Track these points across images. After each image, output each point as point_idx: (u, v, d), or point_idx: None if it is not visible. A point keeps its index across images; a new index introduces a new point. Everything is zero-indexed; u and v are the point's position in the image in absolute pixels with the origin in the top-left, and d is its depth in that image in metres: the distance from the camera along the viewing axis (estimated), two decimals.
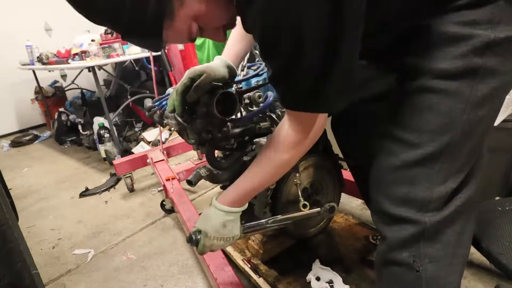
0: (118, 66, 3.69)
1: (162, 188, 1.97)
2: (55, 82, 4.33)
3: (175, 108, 0.88)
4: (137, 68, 3.81)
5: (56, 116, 3.82)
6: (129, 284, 1.48)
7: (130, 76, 3.75)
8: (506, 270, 0.97)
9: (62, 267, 1.66)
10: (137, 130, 3.65)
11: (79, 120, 3.50)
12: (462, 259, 0.72)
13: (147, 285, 1.46)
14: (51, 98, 4.20)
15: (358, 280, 1.16)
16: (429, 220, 0.67)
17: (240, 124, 0.99)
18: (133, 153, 2.94)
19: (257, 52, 1.21)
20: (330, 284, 1.14)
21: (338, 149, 1.23)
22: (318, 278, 1.16)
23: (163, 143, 2.45)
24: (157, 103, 1.12)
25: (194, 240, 0.84)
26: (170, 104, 0.89)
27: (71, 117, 3.63)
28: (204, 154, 1.00)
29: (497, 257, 1.00)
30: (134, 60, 3.61)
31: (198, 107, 0.89)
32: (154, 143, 3.15)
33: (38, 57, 3.32)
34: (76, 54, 2.92)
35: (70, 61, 2.96)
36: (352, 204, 1.82)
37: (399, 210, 0.69)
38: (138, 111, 3.70)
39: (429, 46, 0.65)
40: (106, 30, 3.38)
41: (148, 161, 2.28)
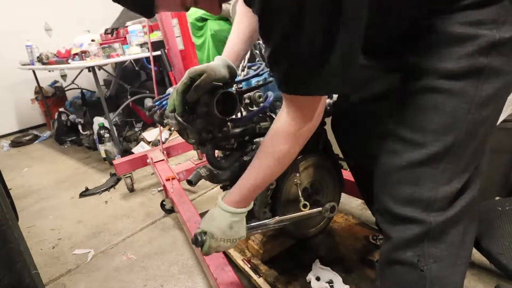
0: (118, 66, 3.69)
1: (162, 188, 1.97)
2: (55, 82, 4.34)
3: (176, 107, 0.88)
4: (137, 68, 3.81)
5: (56, 116, 3.82)
6: (129, 284, 1.48)
7: (130, 76, 3.75)
8: (506, 270, 0.97)
9: (62, 267, 1.66)
10: (137, 130, 3.65)
11: (79, 120, 3.50)
12: (465, 260, 0.72)
13: (147, 285, 1.46)
14: (51, 98, 4.20)
15: (358, 280, 1.16)
16: (434, 220, 0.67)
17: (240, 124, 0.99)
18: (133, 153, 2.94)
19: (257, 52, 1.21)
20: (330, 284, 1.14)
21: (338, 149, 1.23)
22: (318, 278, 1.16)
23: (163, 143, 2.45)
24: (157, 103, 1.12)
25: (199, 241, 0.83)
26: (171, 103, 0.89)
27: (71, 117, 3.63)
28: (204, 154, 1.00)
29: (497, 257, 1.00)
30: (134, 60, 3.61)
31: (198, 107, 0.89)
32: (154, 143, 3.15)
33: (38, 57, 3.32)
34: (76, 54, 2.92)
35: (70, 61, 2.97)
36: (352, 204, 1.82)
37: (405, 210, 0.69)
38: (138, 111, 3.70)
39: (434, 46, 0.65)
40: (106, 30, 3.38)
41: (148, 161, 2.28)
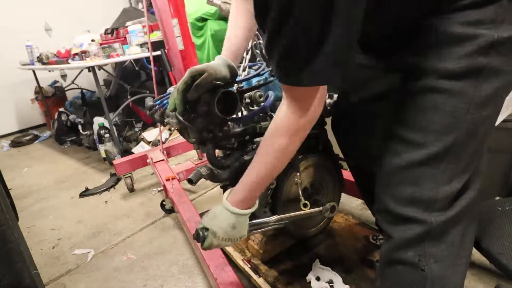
0: (118, 66, 3.69)
1: (162, 188, 1.97)
2: (55, 82, 4.34)
3: (176, 107, 0.88)
4: (137, 68, 3.81)
5: (56, 116, 3.82)
6: (129, 284, 1.48)
7: (130, 76, 3.75)
8: (506, 270, 0.97)
9: (62, 267, 1.66)
10: (137, 130, 3.65)
11: (79, 120, 3.50)
12: (465, 260, 0.72)
13: (147, 285, 1.46)
14: (51, 98, 4.20)
15: (358, 280, 1.16)
16: (435, 220, 0.67)
17: (241, 123, 0.99)
18: (133, 153, 2.94)
19: (258, 51, 1.21)
20: (330, 284, 1.14)
21: (338, 149, 1.23)
22: (318, 278, 1.16)
23: (163, 143, 2.45)
24: (158, 102, 1.12)
25: (201, 236, 0.84)
26: (171, 103, 0.89)
27: (71, 117, 3.63)
28: (204, 153, 1.00)
29: (497, 257, 1.00)
30: (134, 60, 3.61)
31: (199, 106, 0.89)
32: (154, 143, 3.15)
33: (38, 57, 3.32)
34: (76, 54, 2.92)
35: (70, 61, 2.96)
36: (352, 204, 1.82)
37: (406, 210, 0.69)
38: (138, 111, 3.70)
39: (433, 46, 0.65)
40: (106, 30, 3.38)
41: (148, 161, 2.28)
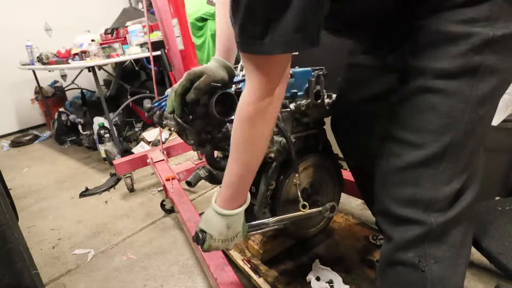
0: (118, 66, 3.69)
1: (162, 188, 1.97)
2: (55, 82, 4.34)
3: (174, 109, 0.88)
4: (137, 68, 3.82)
5: (56, 116, 3.82)
6: (129, 284, 1.48)
7: (130, 76, 3.75)
8: (506, 270, 0.97)
9: (62, 267, 1.66)
10: (137, 130, 3.65)
11: (79, 120, 3.50)
12: (465, 260, 0.72)
13: (147, 285, 1.46)
14: (51, 98, 4.21)
15: (358, 280, 1.16)
16: (435, 220, 0.67)
17: None
18: (133, 153, 2.94)
19: None
20: (330, 284, 1.14)
21: (338, 149, 1.23)
22: (318, 278, 1.16)
23: (163, 143, 2.45)
24: (156, 104, 1.12)
25: (200, 239, 0.84)
26: (169, 105, 0.89)
27: (71, 117, 3.63)
28: (204, 154, 1.00)
29: (497, 257, 1.00)
30: (134, 60, 3.61)
31: (197, 108, 0.89)
32: (154, 143, 3.15)
33: (38, 57, 3.32)
34: (76, 54, 2.92)
35: (70, 61, 2.96)
36: (352, 204, 1.82)
37: (405, 211, 0.69)
38: (138, 111, 3.70)
39: (428, 46, 0.65)
40: (106, 30, 3.38)
41: (148, 161, 2.28)
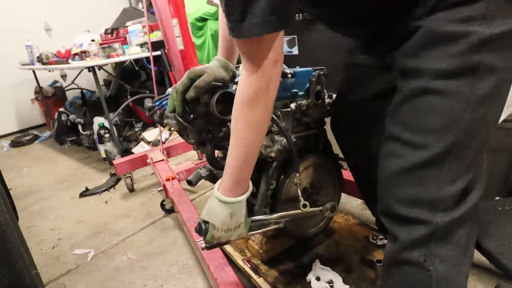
0: (118, 66, 3.69)
1: (162, 188, 1.97)
2: (55, 82, 4.34)
3: (176, 108, 0.88)
4: (137, 68, 3.82)
5: (56, 116, 3.82)
6: (129, 284, 1.48)
7: (130, 76, 3.75)
8: (506, 270, 0.97)
9: (62, 267, 1.66)
10: (137, 130, 3.65)
11: (79, 120, 3.50)
12: (469, 260, 0.73)
13: (147, 285, 1.46)
14: (51, 98, 4.21)
15: (358, 280, 1.16)
16: (440, 220, 0.67)
17: None
18: (133, 153, 2.94)
19: None
20: (330, 284, 1.14)
21: (338, 149, 1.23)
22: (318, 278, 1.16)
23: (163, 143, 2.45)
24: (157, 103, 1.12)
25: (204, 229, 0.83)
26: (170, 104, 0.89)
27: (71, 117, 3.63)
28: (204, 154, 1.00)
29: (497, 257, 1.00)
30: (134, 60, 3.62)
31: (198, 107, 0.89)
32: (154, 143, 3.15)
33: (38, 57, 3.32)
34: (76, 54, 2.92)
35: (70, 61, 2.97)
36: (352, 204, 1.82)
37: (410, 211, 0.69)
38: (138, 111, 3.70)
39: (427, 46, 0.65)
40: (106, 30, 3.38)
41: (148, 161, 2.28)
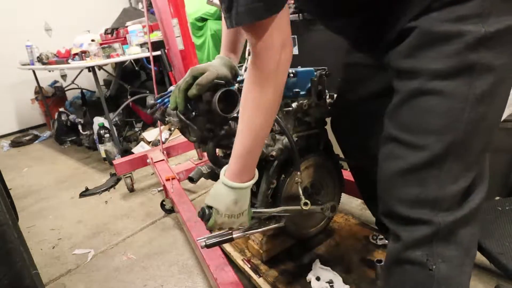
0: (118, 66, 3.69)
1: (162, 188, 1.97)
2: (55, 82, 4.34)
3: (178, 105, 0.88)
4: (137, 68, 3.82)
5: (56, 116, 3.82)
6: (129, 284, 1.48)
7: (130, 76, 3.75)
8: (506, 270, 0.97)
9: (62, 267, 1.66)
10: (137, 130, 3.65)
11: (79, 120, 3.50)
12: (471, 260, 0.72)
13: (147, 285, 1.46)
14: (51, 98, 4.20)
15: (358, 280, 1.16)
16: (443, 220, 0.67)
17: None
18: (133, 153, 2.94)
19: None
20: (330, 284, 1.14)
21: (338, 149, 1.23)
22: (318, 278, 1.16)
23: (163, 143, 2.45)
24: (159, 101, 1.12)
25: (207, 214, 0.82)
26: (173, 101, 0.90)
27: (71, 117, 3.63)
28: (205, 152, 1.00)
29: (497, 257, 1.00)
30: (134, 60, 3.62)
31: (200, 105, 0.89)
32: (154, 143, 3.15)
33: (38, 57, 3.32)
34: (76, 54, 2.92)
35: (70, 61, 2.97)
36: (352, 204, 1.82)
37: (412, 211, 0.69)
38: (138, 111, 3.70)
39: (423, 47, 0.65)
40: (106, 30, 3.38)
41: (148, 161, 2.28)
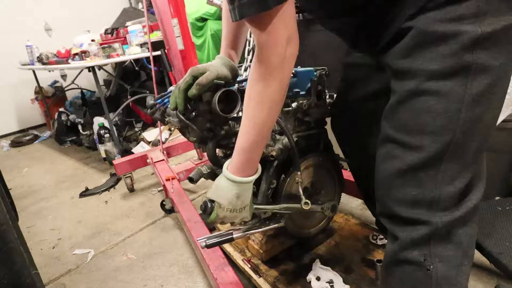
0: (118, 66, 3.69)
1: (162, 188, 1.97)
2: (55, 82, 4.34)
3: (178, 105, 0.88)
4: (137, 68, 3.81)
5: (56, 116, 3.82)
6: (129, 284, 1.48)
7: (130, 76, 3.75)
8: (506, 270, 0.98)
9: (62, 267, 1.66)
10: (137, 130, 3.65)
11: (79, 120, 3.51)
12: (470, 260, 0.72)
13: (147, 285, 1.46)
14: (51, 98, 4.20)
15: (358, 280, 1.16)
16: (440, 220, 0.67)
17: None
18: (133, 153, 2.94)
19: None
20: (330, 284, 1.14)
21: (338, 149, 1.23)
22: (318, 278, 1.16)
23: (163, 143, 2.45)
24: (159, 101, 1.12)
25: (209, 208, 0.82)
26: (173, 101, 0.89)
27: (71, 117, 3.63)
28: (205, 152, 1.00)
29: (497, 257, 1.00)
30: (134, 60, 3.61)
31: (200, 105, 0.89)
32: (154, 143, 3.15)
33: (38, 57, 3.32)
34: (76, 54, 2.92)
35: (70, 61, 2.97)
36: (352, 204, 1.82)
37: (410, 212, 0.69)
38: (138, 111, 3.70)
39: (419, 47, 0.65)
40: (106, 30, 3.38)
41: (148, 161, 2.28)
